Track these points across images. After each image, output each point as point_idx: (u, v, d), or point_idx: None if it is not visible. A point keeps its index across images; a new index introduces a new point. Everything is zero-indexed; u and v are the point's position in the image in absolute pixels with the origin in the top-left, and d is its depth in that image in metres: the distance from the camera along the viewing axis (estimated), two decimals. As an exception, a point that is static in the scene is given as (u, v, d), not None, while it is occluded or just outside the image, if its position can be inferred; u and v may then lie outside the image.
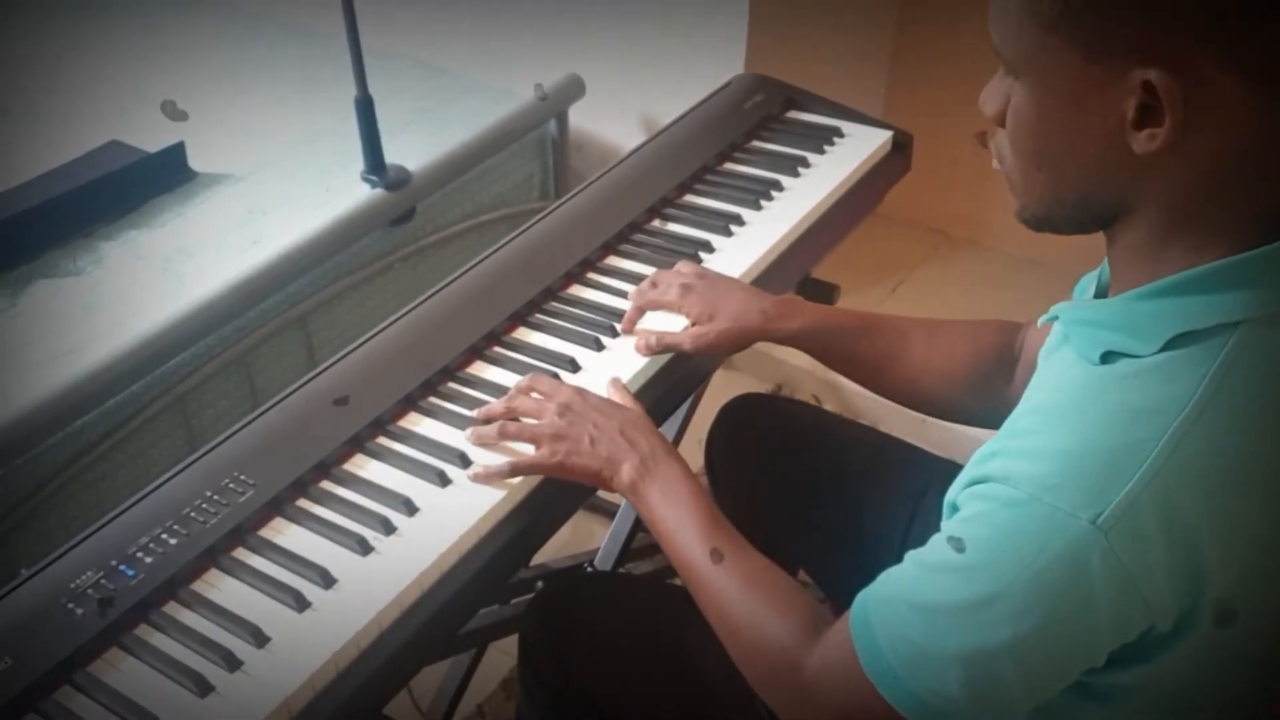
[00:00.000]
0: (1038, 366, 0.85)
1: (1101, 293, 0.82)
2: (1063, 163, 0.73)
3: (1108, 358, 0.73)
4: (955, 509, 0.76)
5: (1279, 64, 0.65)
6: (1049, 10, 0.69)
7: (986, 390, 1.08)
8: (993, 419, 1.11)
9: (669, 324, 1.15)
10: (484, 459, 1.00)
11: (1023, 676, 0.71)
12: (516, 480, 0.98)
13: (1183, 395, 0.68)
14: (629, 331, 1.15)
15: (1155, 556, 0.67)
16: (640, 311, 1.16)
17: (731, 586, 0.87)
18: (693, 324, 1.11)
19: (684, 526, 0.91)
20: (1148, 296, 0.72)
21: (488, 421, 1.02)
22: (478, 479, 0.97)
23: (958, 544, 0.72)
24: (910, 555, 0.77)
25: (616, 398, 1.04)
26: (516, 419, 1.01)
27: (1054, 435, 0.71)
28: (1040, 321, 0.84)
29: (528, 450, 0.99)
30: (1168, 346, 0.70)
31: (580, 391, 1.01)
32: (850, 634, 0.77)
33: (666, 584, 1.58)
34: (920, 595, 0.74)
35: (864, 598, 0.78)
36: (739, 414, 1.33)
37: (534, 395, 1.02)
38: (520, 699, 1.14)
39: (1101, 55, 0.68)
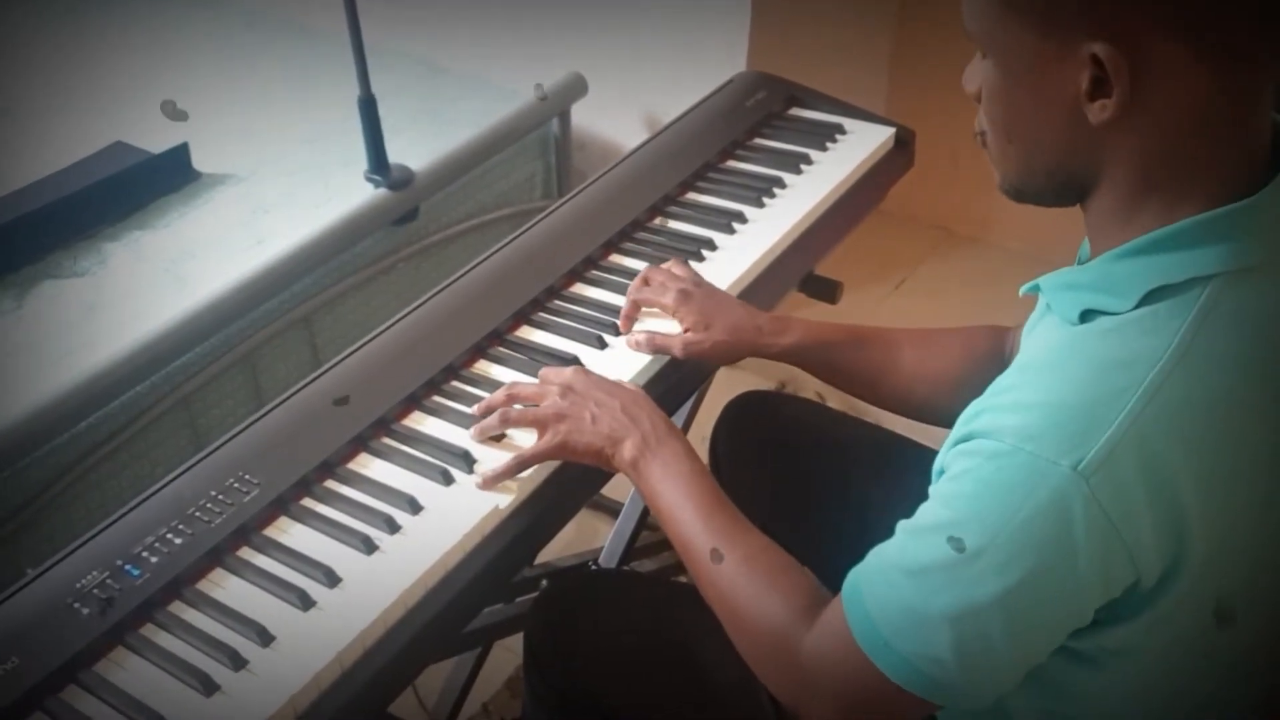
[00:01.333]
0: (1021, 342, 0.86)
1: (1082, 264, 0.83)
2: (1030, 135, 0.76)
3: (1086, 316, 0.75)
4: (943, 472, 0.77)
5: (1221, 28, 0.67)
6: None
7: (979, 395, 1.09)
8: None
9: (658, 326, 1.15)
10: (489, 457, 1.00)
11: (1011, 634, 0.72)
12: (523, 477, 0.98)
13: (1159, 346, 0.70)
14: (626, 330, 1.15)
15: (1136, 503, 0.68)
16: (637, 308, 1.16)
17: (731, 566, 0.87)
18: (687, 331, 1.12)
19: (684, 504, 0.91)
20: (1123, 256, 0.74)
21: (489, 414, 1.02)
22: (486, 485, 0.97)
23: (945, 502, 0.74)
24: (900, 525, 0.77)
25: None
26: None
27: (1035, 389, 0.73)
28: (1022, 291, 0.85)
29: (528, 442, 0.99)
30: (1143, 302, 0.72)
31: (583, 372, 1.02)
32: (843, 607, 0.78)
33: (671, 582, 1.58)
34: (908, 559, 0.75)
35: (856, 571, 0.79)
36: (743, 411, 1.33)
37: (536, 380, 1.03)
38: (525, 697, 1.15)
39: (1053, 30, 0.70)
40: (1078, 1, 0.69)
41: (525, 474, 0.98)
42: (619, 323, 1.16)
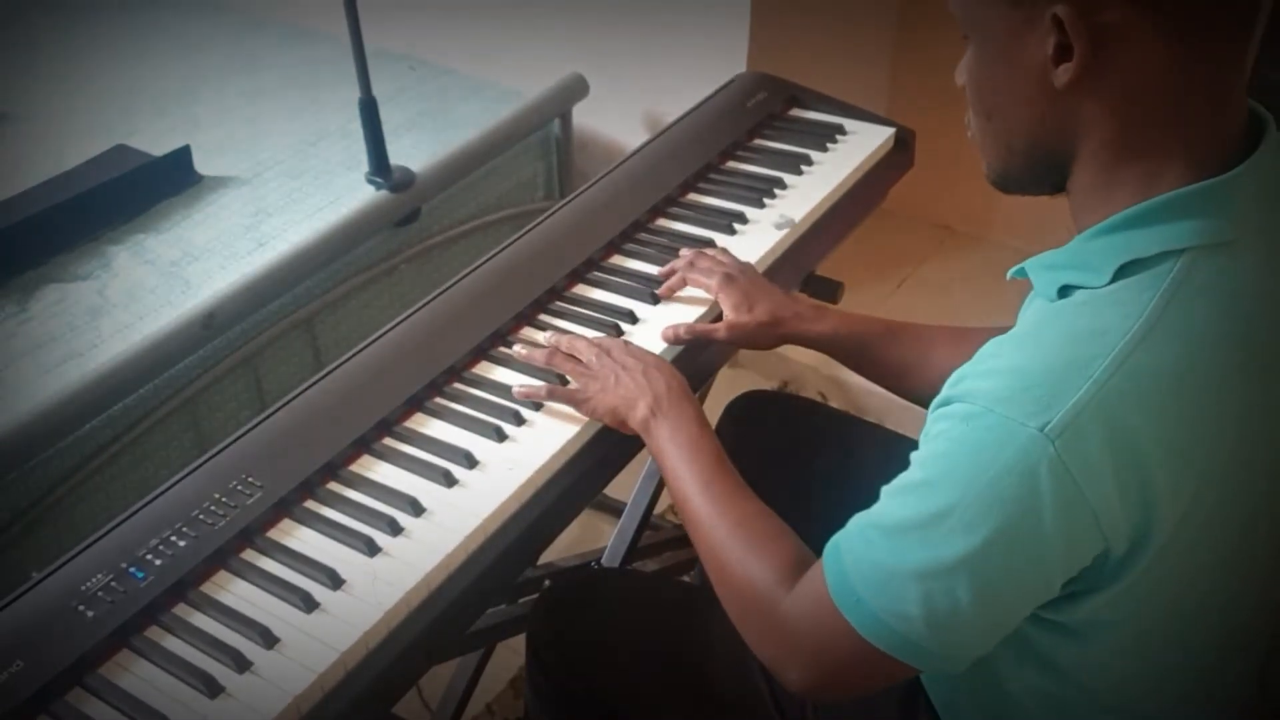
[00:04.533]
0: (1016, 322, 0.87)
1: None
2: (1007, 109, 0.78)
3: (1064, 291, 0.77)
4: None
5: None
6: None
7: None
8: None
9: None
10: (492, 458, 1.00)
11: (977, 595, 0.73)
12: (524, 479, 0.99)
13: (1130, 316, 0.71)
14: (666, 297, 1.20)
15: (1103, 469, 0.70)
16: (683, 284, 1.20)
17: (723, 526, 0.90)
18: (729, 312, 1.14)
19: (687, 466, 0.95)
20: (1098, 234, 0.76)
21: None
22: (518, 392, 1.05)
23: (920, 463, 0.76)
24: (883, 488, 0.79)
25: None
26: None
27: (1011, 356, 0.75)
28: (1009, 274, 0.86)
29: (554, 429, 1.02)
30: (1118, 276, 0.74)
31: (625, 342, 1.08)
32: (823, 567, 0.80)
33: (674, 582, 1.58)
34: (885, 517, 0.77)
35: (837, 535, 0.81)
36: (745, 411, 1.34)
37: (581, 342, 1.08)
38: (528, 697, 1.15)
39: None
40: None
41: (529, 475, 0.99)
42: (660, 290, 1.20)
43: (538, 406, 1.06)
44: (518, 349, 1.11)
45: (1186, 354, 0.71)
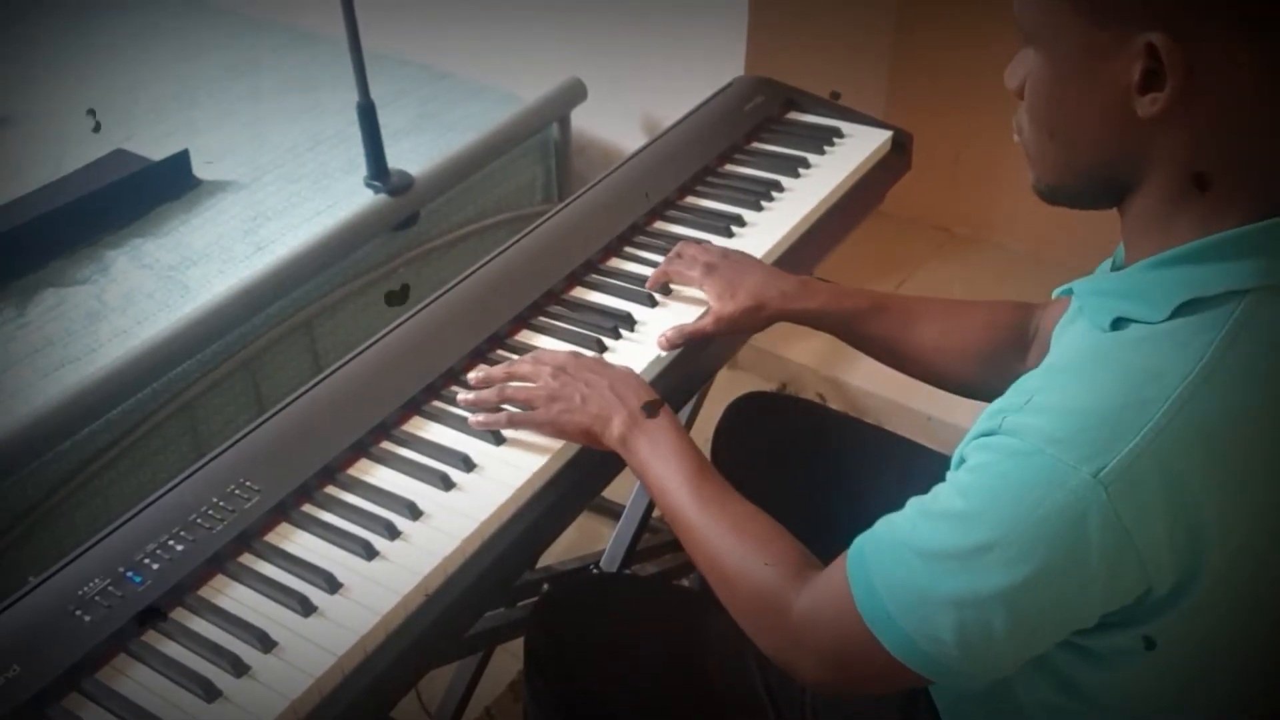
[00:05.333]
0: (1051, 343, 0.86)
1: (1116, 269, 0.83)
2: (1074, 130, 0.75)
3: (1118, 324, 0.74)
4: (963, 461, 0.77)
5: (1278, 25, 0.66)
6: None
7: (1000, 368, 1.10)
8: None
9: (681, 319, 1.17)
10: (490, 461, 1.00)
11: (1012, 627, 0.72)
12: (521, 482, 0.98)
13: (1190, 359, 0.69)
14: (653, 287, 1.20)
15: (1154, 515, 0.68)
16: (666, 277, 1.19)
17: (719, 532, 0.89)
18: (713, 302, 1.14)
19: (672, 475, 0.93)
20: (1158, 265, 0.74)
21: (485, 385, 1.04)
22: (476, 425, 1.01)
23: (961, 492, 0.74)
24: (913, 501, 0.78)
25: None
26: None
27: (1062, 393, 0.72)
28: (1055, 294, 0.85)
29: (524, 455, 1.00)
30: (1177, 314, 0.71)
31: (574, 355, 1.05)
32: (846, 575, 0.78)
33: (672, 585, 1.58)
34: (920, 540, 0.75)
35: (862, 541, 0.79)
36: (744, 413, 1.34)
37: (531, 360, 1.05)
38: (526, 701, 1.15)
39: (1107, 20, 0.69)
40: None
41: (526, 478, 0.99)
42: (648, 284, 1.20)
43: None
44: (462, 396, 1.05)
45: (1246, 399, 0.70)
